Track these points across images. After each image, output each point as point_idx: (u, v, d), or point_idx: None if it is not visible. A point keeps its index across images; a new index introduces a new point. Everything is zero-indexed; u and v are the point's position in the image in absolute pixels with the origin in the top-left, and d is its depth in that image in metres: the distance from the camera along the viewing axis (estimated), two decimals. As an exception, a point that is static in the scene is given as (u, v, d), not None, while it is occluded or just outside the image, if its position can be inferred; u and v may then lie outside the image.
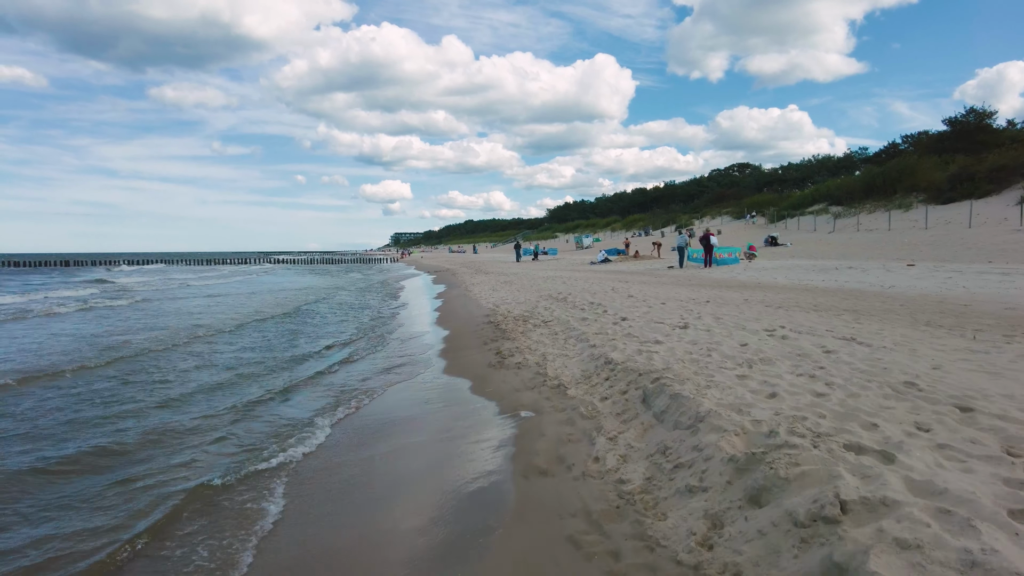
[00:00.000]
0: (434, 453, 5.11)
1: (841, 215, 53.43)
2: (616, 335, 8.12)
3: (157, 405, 6.95)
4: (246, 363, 9.72)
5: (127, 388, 7.81)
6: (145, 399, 7.21)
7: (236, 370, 9.15)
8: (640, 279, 20.44)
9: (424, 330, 13.01)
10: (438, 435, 5.56)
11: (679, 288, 16.08)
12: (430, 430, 5.79)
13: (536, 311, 12.35)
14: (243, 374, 8.84)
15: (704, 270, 25.37)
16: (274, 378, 8.56)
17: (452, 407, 6.56)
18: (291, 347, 11.41)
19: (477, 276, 28.92)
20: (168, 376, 8.60)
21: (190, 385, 8.01)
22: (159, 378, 8.44)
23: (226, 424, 6.15)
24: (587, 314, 10.69)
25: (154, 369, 9.13)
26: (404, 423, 6.11)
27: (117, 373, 8.75)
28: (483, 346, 9.71)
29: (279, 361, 9.94)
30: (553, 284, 19.01)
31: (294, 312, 17.79)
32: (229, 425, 6.11)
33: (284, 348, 11.30)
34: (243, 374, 8.84)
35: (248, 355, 10.49)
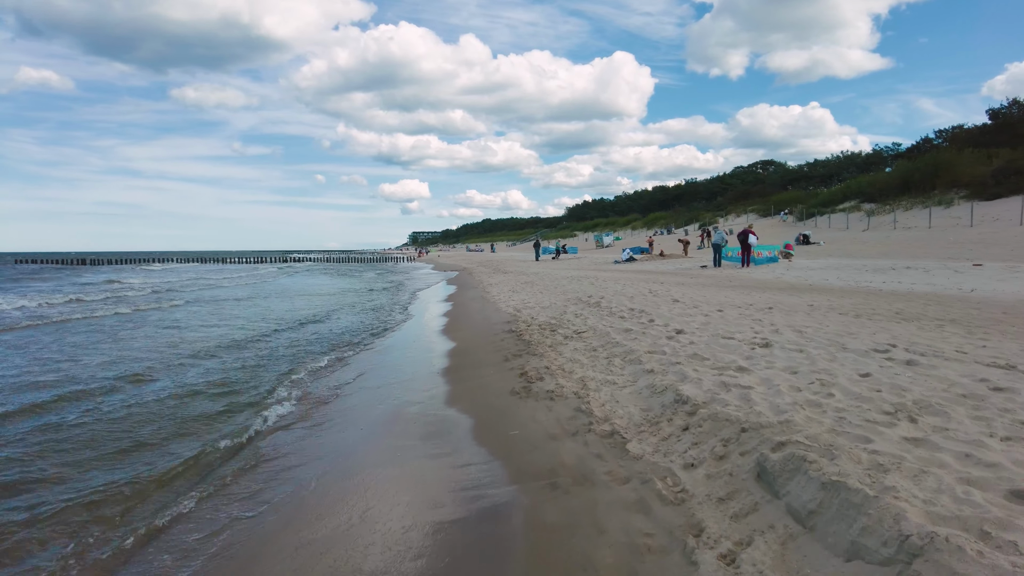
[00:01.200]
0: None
1: (875, 212, 50.99)
2: (678, 355, 6.25)
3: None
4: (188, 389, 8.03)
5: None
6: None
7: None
8: (675, 280, 18.48)
9: (431, 340, 11.23)
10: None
11: (726, 291, 14.12)
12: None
13: (565, 318, 10.51)
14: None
15: (742, 270, 23.32)
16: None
17: (446, 478, 4.36)
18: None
19: (495, 276, 27.12)
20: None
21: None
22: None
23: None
24: (629, 323, 8.83)
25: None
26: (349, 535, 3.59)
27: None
28: (503, 363, 7.90)
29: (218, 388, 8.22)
30: (580, 285, 17.12)
31: (295, 324, 16.13)
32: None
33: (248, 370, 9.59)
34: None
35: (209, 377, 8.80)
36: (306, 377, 8.34)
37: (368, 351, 10.41)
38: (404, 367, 8.98)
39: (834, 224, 52.37)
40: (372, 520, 3.63)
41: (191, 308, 18.95)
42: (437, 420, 5.88)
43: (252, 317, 15.81)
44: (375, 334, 12.43)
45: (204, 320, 15.48)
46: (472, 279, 27.38)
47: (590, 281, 18.35)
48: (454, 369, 8.24)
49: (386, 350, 10.58)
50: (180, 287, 30.58)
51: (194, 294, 25.64)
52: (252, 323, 14.48)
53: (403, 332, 12.77)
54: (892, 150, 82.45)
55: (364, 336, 12.17)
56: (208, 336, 12.37)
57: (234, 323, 14.66)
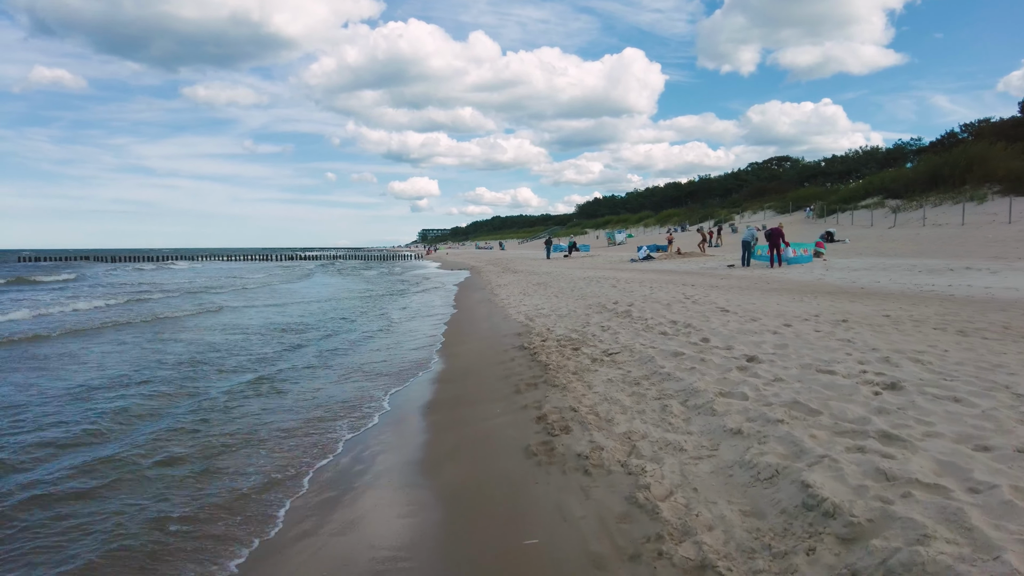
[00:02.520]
0: None
1: (901, 209, 48.77)
2: (769, 402, 4.31)
3: None
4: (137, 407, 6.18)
5: None
6: None
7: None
8: (706, 281, 16.48)
9: (423, 356, 9.31)
10: None
11: (773, 296, 12.13)
12: None
13: (589, 331, 8.59)
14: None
15: (773, 270, 21.27)
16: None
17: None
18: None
19: (504, 276, 25.19)
20: None
21: None
22: None
23: None
24: (677, 343, 6.89)
25: None
26: None
27: None
28: (513, 396, 6.00)
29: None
30: (600, 288, 15.16)
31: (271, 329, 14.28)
32: None
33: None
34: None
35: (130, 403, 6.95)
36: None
37: (350, 364, 8.56)
38: (371, 405, 7.09)
39: (857, 221, 50.21)
40: None
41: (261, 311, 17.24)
42: (406, 505, 3.98)
43: (214, 327, 14.03)
44: (357, 342, 10.59)
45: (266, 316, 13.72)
46: (480, 279, 25.48)
47: (611, 283, 16.37)
48: (446, 404, 6.33)
49: (368, 369, 8.70)
50: (225, 284, 28.92)
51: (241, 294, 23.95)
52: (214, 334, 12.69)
53: (391, 343, 10.89)
54: (913, 145, 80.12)
55: (346, 346, 10.31)
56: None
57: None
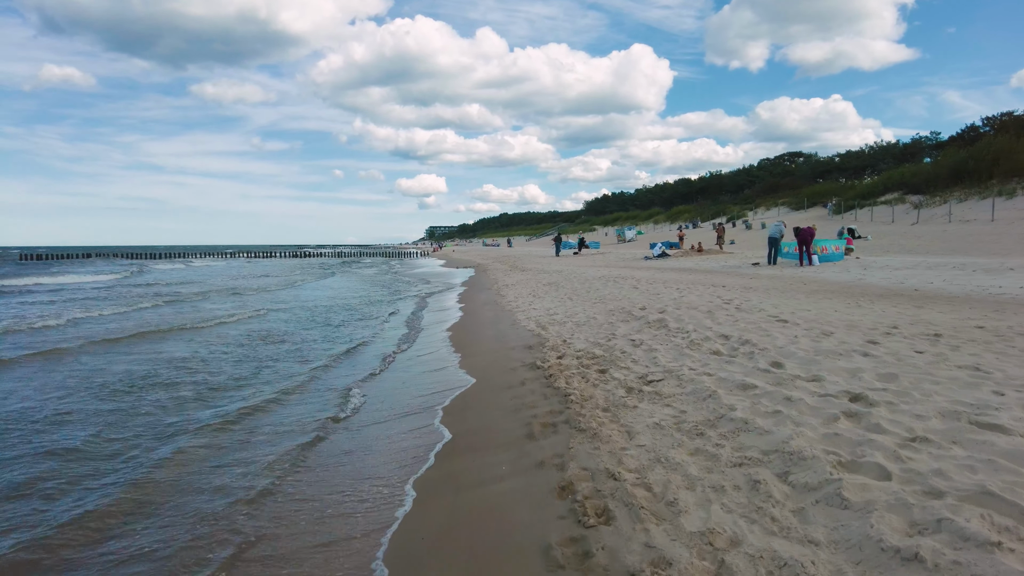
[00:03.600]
0: None
1: (924, 204, 46.99)
2: (936, 486, 2.71)
3: None
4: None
5: None
6: None
7: None
8: (736, 282, 14.81)
9: (411, 379, 7.72)
10: None
11: (823, 300, 10.46)
12: None
13: (616, 345, 6.99)
14: None
15: (804, 269, 19.57)
16: None
17: None
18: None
19: (512, 275, 23.57)
20: None
21: None
22: None
23: None
24: (738, 367, 5.27)
25: None
26: None
27: None
28: (524, 444, 4.44)
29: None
30: (619, 289, 13.52)
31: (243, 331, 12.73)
32: None
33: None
34: None
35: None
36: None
37: (329, 389, 7.01)
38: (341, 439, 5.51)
39: (877, 217, 48.49)
40: None
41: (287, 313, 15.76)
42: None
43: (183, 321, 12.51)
44: (338, 356, 9.04)
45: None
46: (486, 278, 23.88)
47: (631, 284, 14.71)
48: (437, 456, 4.74)
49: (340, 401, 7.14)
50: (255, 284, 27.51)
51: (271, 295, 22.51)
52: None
53: (366, 375, 9.31)
54: (931, 140, 78.14)
55: (327, 362, 8.75)
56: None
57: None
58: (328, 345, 10.37)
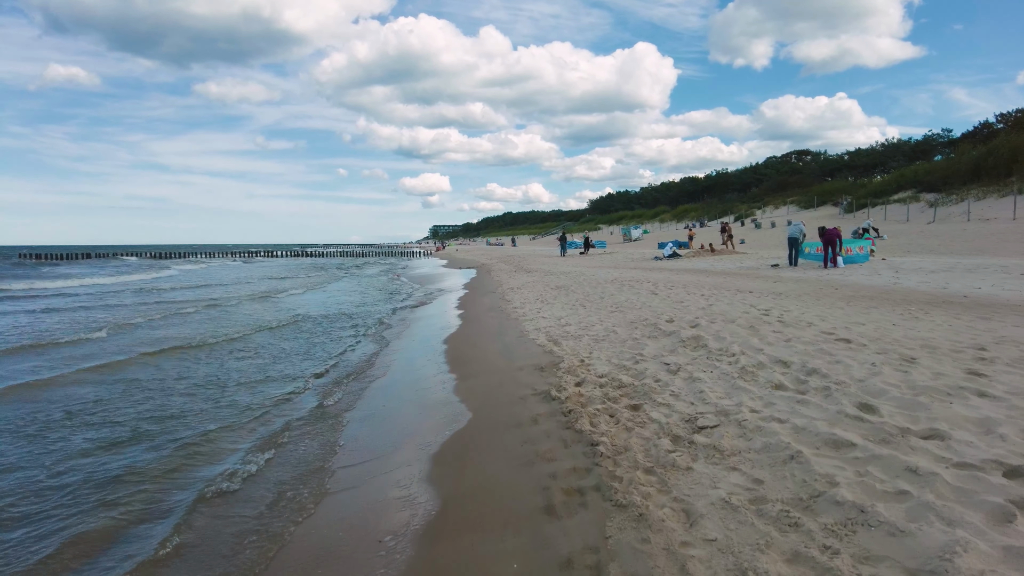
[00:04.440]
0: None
1: (941, 203, 45.65)
2: None
3: None
4: None
5: None
6: None
7: None
8: (762, 286, 13.55)
9: (399, 415, 6.48)
10: None
11: (871, 310, 9.19)
12: None
13: (646, 370, 5.78)
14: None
15: (829, 271, 18.30)
16: None
17: None
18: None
19: (517, 276, 22.34)
20: None
21: None
22: None
23: None
24: (815, 410, 4.04)
25: None
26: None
27: None
28: (541, 520, 3.24)
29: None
30: (637, 294, 12.27)
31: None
32: None
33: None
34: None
35: None
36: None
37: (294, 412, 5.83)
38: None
39: (891, 215, 47.15)
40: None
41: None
42: None
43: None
44: (316, 376, 7.86)
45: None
46: (490, 280, 22.66)
47: (648, 289, 13.44)
48: (418, 541, 3.53)
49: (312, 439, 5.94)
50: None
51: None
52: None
53: (365, 379, 8.11)
54: (943, 137, 76.79)
55: (301, 389, 7.56)
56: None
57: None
58: (302, 365, 9.18)
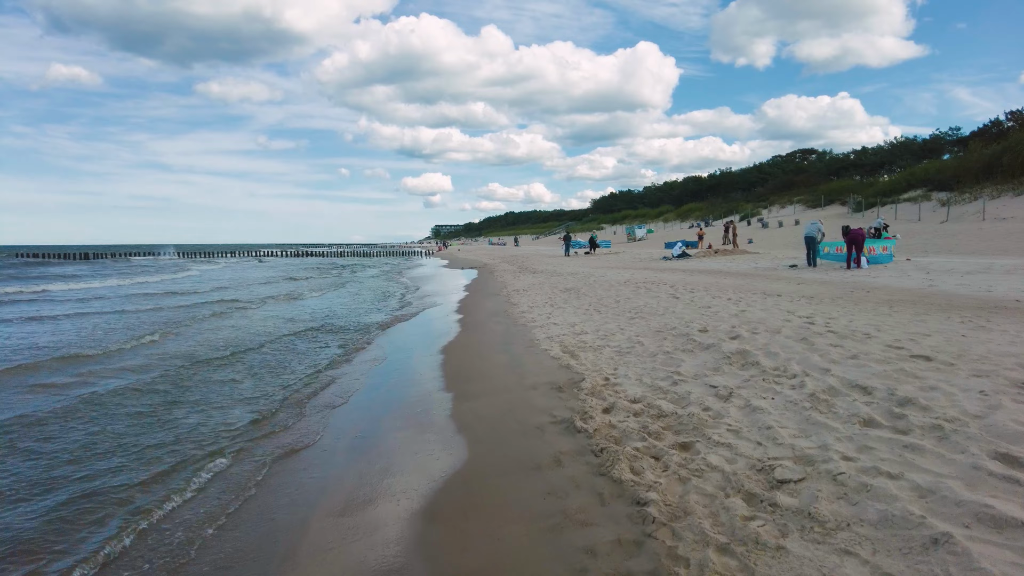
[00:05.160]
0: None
1: (953, 201, 44.57)
2: None
3: None
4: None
5: None
6: None
7: None
8: (788, 289, 12.53)
9: (377, 448, 5.45)
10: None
11: (930, 318, 8.19)
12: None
13: (689, 393, 4.79)
14: None
15: (853, 272, 17.31)
16: None
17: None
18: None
19: (522, 277, 21.35)
20: None
21: None
22: None
23: None
24: (942, 463, 3.04)
25: None
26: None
27: None
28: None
29: None
30: (656, 299, 11.25)
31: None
32: None
33: None
34: None
35: None
36: None
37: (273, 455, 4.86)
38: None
39: (901, 215, 46.04)
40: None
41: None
42: None
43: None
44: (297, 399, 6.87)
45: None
46: (493, 281, 21.67)
47: (667, 291, 12.42)
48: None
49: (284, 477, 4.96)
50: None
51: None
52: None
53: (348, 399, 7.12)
54: (952, 135, 75.70)
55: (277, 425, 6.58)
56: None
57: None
58: (276, 381, 8.19)
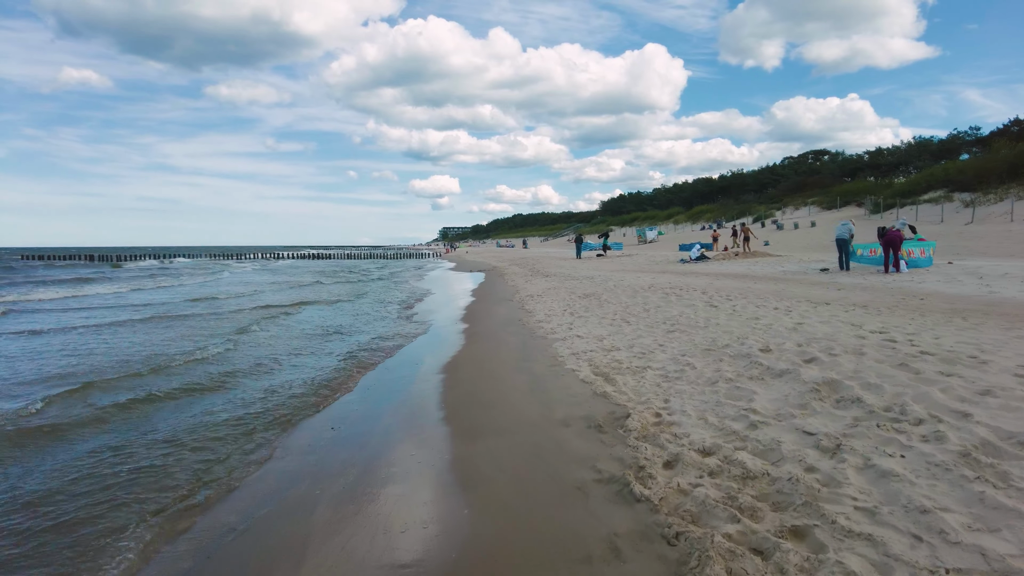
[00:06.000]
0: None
1: (978, 203, 43.06)
2: None
3: None
4: None
5: None
6: None
7: None
8: (835, 296, 11.24)
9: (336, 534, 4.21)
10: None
11: (1010, 330, 6.98)
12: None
13: (780, 443, 3.57)
14: None
15: (892, 276, 16.03)
16: None
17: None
18: None
19: (535, 281, 20.12)
20: None
21: None
22: None
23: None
24: None
25: None
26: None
27: None
28: None
29: None
30: (690, 307, 9.98)
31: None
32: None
33: None
34: None
35: None
36: None
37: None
38: None
39: (922, 216, 44.52)
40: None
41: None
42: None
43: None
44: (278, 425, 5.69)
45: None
46: (504, 285, 20.45)
47: (701, 298, 11.10)
48: None
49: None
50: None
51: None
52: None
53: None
54: (971, 135, 74.06)
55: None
56: None
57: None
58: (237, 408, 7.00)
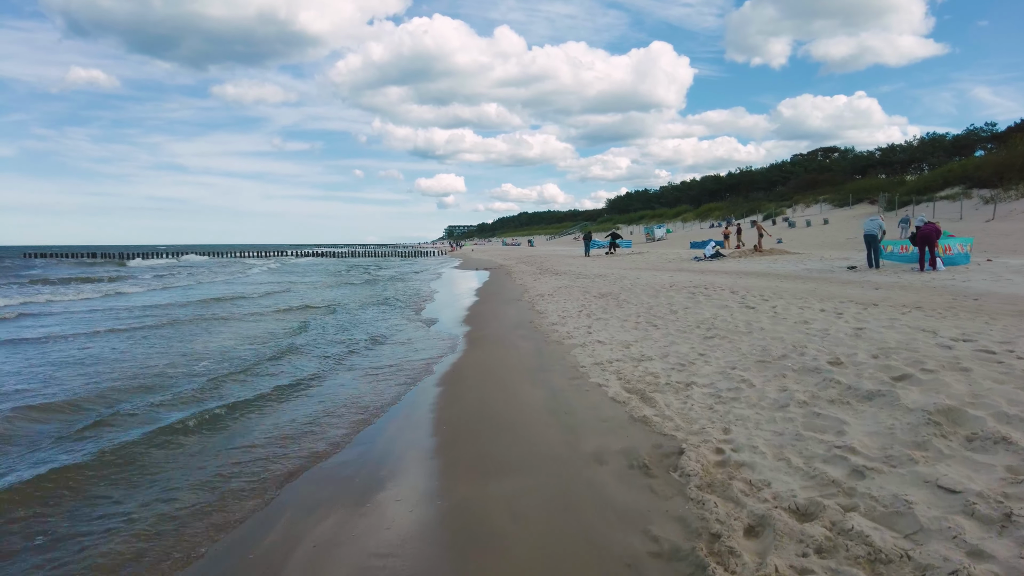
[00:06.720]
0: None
1: (999, 199, 41.69)
2: None
3: None
4: None
5: None
6: None
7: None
8: (881, 296, 10.14)
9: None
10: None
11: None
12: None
13: (900, 503, 2.60)
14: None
15: (930, 274, 14.93)
16: None
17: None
18: None
19: (544, 280, 19.07)
20: None
21: None
22: None
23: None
24: None
25: None
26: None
27: None
28: None
29: None
30: (727, 310, 8.84)
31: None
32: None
33: None
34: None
35: None
36: None
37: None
38: None
39: (940, 213, 43.17)
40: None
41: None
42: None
43: None
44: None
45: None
46: (511, 284, 19.41)
47: (733, 299, 10.01)
48: None
49: None
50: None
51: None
52: None
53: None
54: (987, 131, 72.52)
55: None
56: None
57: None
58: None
